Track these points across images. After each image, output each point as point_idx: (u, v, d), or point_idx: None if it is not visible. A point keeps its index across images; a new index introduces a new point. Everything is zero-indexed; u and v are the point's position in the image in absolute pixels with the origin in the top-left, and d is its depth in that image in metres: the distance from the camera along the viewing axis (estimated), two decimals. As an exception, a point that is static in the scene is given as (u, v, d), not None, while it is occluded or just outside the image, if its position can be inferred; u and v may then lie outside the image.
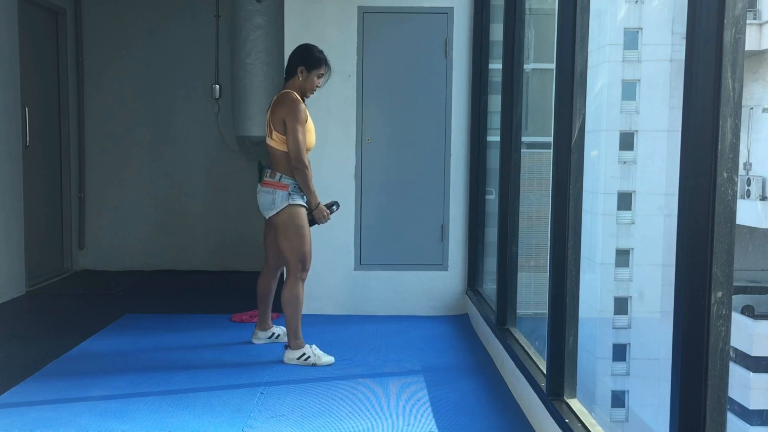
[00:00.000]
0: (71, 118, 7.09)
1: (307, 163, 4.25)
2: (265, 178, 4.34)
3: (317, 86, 4.39)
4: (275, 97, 4.37)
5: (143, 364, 4.31)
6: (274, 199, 4.27)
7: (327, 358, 4.31)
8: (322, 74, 4.37)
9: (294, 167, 4.24)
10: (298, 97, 4.30)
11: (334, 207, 4.48)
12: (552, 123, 3.32)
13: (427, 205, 5.63)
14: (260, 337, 4.71)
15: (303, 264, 4.31)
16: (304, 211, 4.31)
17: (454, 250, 5.65)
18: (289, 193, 4.26)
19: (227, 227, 7.25)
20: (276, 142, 4.28)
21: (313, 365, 4.23)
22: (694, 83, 1.98)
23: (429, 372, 4.24)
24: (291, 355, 4.31)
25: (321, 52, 4.37)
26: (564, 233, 3.17)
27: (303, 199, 4.31)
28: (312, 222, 4.37)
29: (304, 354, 4.28)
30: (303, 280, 4.36)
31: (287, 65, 4.40)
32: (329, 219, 4.42)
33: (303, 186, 4.27)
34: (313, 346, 4.33)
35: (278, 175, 4.27)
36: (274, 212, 4.27)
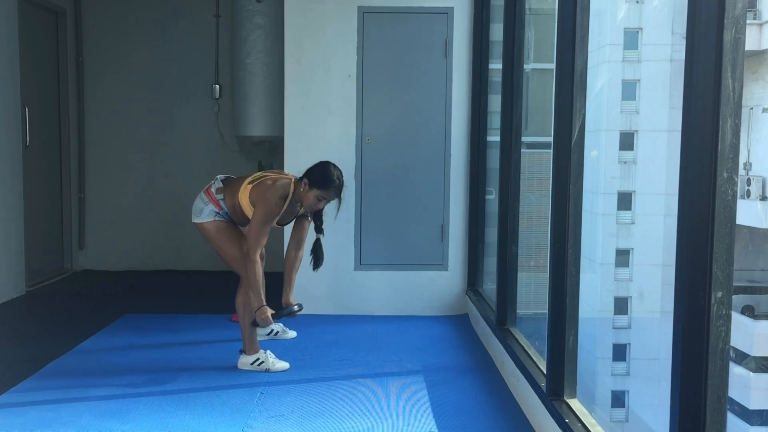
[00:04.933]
0: (71, 118, 7.09)
1: (256, 260, 4.03)
2: (210, 189, 4.25)
3: (315, 208, 4.15)
4: (276, 177, 4.21)
5: (143, 364, 4.31)
6: (203, 209, 4.21)
7: (281, 364, 4.24)
8: (327, 200, 4.15)
9: (245, 257, 4.08)
10: (284, 197, 4.10)
11: (295, 307, 4.25)
12: (552, 123, 3.32)
13: (427, 205, 5.63)
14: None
15: (245, 266, 4.16)
16: (225, 225, 4.21)
17: (454, 250, 5.65)
18: (218, 213, 4.20)
19: (227, 227, 7.25)
20: (244, 195, 4.13)
21: (267, 371, 4.18)
22: (694, 83, 1.98)
23: (429, 372, 4.24)
24: (245, 360, 4.23)
25: (339, 179, 4.12)
26: (564, 233, 3.17)
27: (229, 218, 4.23)
28: (254, 323, 4.14)
29: (258, 359, 4.22)
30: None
31: (307, 168, 4.17)
32: (272, 323, 4.18)
33: (249, 283, 4.08)
34: (268, 352, 4.27)
35: (222, 196, 4.21)
36: (198, 221, 4.22)
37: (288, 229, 5.56)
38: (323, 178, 4.09)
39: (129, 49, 7.21)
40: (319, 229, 4.32)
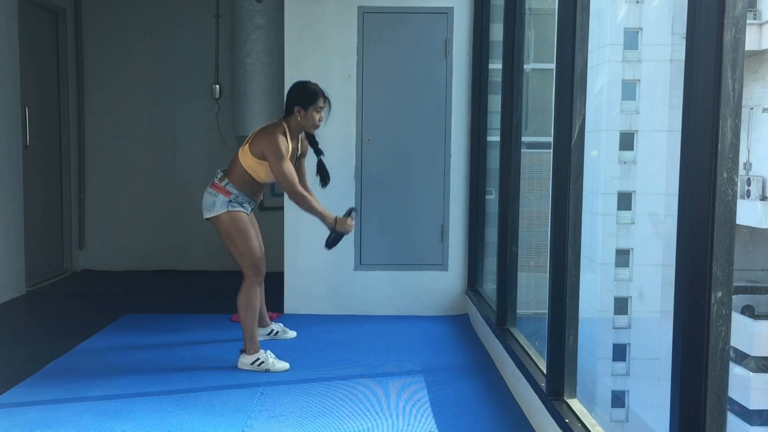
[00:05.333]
0: (71, 118, 7.09)
1: (302, 193, 4.16)
2: (214, 180, 4.29)
3: (319, 122, 4.26)
4: (265, 125, 4.30)
5: (143, 364, 4.31)
6: (215, 202, 4.23)
7: (281, 364, 4.24)
8: (322, 107, 4.23)
9: (293, 201, 4.20)
10: (284, 134, 4.19)
11: (353, 213, 4.32)
12: (552, 123, 3.32)
13: (427, 205, 5.63)
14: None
15: (255, 267, 4.24)
16: (244, 216, 4.26)
17: (454, 250, 5.65)
18: (230, 201, 4.23)
19: (227, 227, 7.25)
20: (245, 156, 4.22)
21: (267, 371, 4.19)
22: (694, 83, 1.98)
23: (429, 372, 4.24)
24: (245, 360, 4.23)
25: (317, 85, 4.26)
26: (564, 233, 3.17)
27: (243, 207, 4.26)
28: (338, 237, 4.25)
29: (258, 359, 4.22)
30: (259, 284, 4.30)
31: (285, 102, 4.31)
32: (353, 226, 4.30)
33: (311, 213, 4.22)
34: (268, 352, 4.27)
35: (226, 181, 4.25)
36: (212, 214, 4.24)
37: (288, 230, 5.58)
38: (308, 93, 4.20)
39: (129, 49, 7.21)
40: (318, 151, 4.41)
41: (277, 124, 4.26)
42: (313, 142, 4.42)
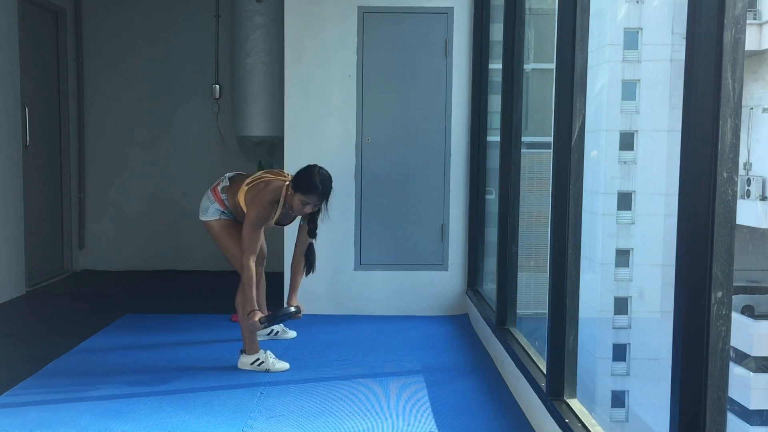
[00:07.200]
0: (71, 118, 7.09)
1: (250, 266, 4.02)
2: (217, 188, 4.31)
3: (302, 212, 4.12)
4: (271, 180, 4.19)
5: (143, 364, 4.31)
6: (209, 207, 4.29)
7: (281, 364, 4.23)
8: (308, 203, 4.08)
9: (238, 267, 4.14)
10: (277, 200, 4.11)
11: (292, 309, 4.18)
12: (552, 123, 3.32)
13: (427, 205, 5.63)
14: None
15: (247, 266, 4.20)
16: (231, 224, 4.27)
17: (454, 250, 5.65)
18: (222, 212, 4.28)
19: (227, 227, 7.25)
20: (241, 193, 4.18)
21: (267, 371, 4.19)
22: (694, 83, 1.98)
23: (429, 372, 4.24)
24: (245, 360, 4.23)
25: (324, 183, 4.05)
26: (564, 233, 3.17)
27: (233, 216, 4.28)
28: (272, 318, 4.14)
29: (258, 359, 4.21)
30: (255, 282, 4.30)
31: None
32: (260, 328, 4.11)
33: (244, 286, 4.09)
34: (268, 352, 4.26)
35: (226, 196, 4.27)
36: (204, 219, 4.31)
37: (288, 230, 5.58)
38: (306, 183, 4.05)
39: (129, 49, 7.21)
40: (311, 233, 4.30)
41: (279, 187, 4.14)
42: (311, 222, 4.27)
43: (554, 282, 3.26)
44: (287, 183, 4.17)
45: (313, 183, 4.04)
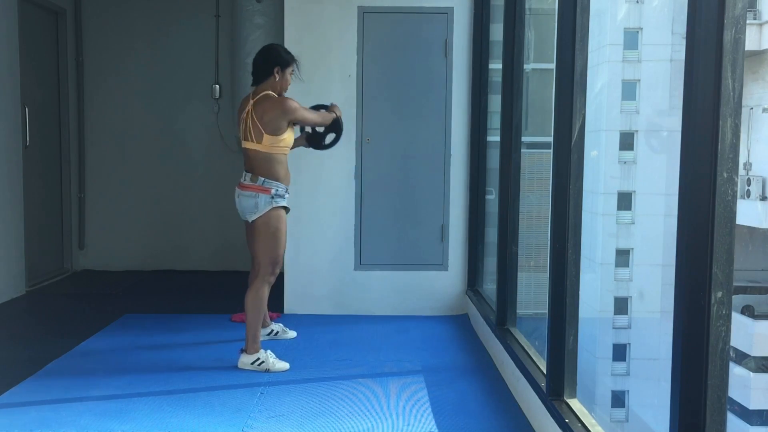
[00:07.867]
0: (71, 118, 7.09)
1: (322, 112, 4.52)
2: (243, 182, 4.23)
3: (289, 82, 4.40)
4: (252, 100, 4.24)
5: (143, 364, 4.31)
6: (257, 202, 4.20)
7: (281, 364, 4.23)
8: (293, 70, 4.39)
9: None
10: (279, 92, 4.32)
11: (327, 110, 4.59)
12: (552, 123, 3.32)
13: (427, 205, 5.63)
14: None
15: (273, 267, 4.26)
16: (284, 214, 4.27)
17: (454, 250, 5.65)
18: (272, 197, 4.21)
19: (227, 227, 7.24)
20: (263, 145, 4.17)
21: (267, 371, 4.18)
22: (694, 83, 1.98)
23: (429, 372, 4.24)
24: (245, 360, 4.22)
25: (280, 45, 4.55)
26: (564, 233, 3.17)
27: (284, 199, 4.27)
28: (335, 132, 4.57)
29: (258, 359, 4.21)
30: (270, 284, 4.30)
31: (259, 68, 4.30)
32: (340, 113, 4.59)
33: (325, 119, 4.50)
34: (268, 352, 4.26)
35: (260, 179, 4.19)
36: (258, 215, 4.21)
37: (288, 230, 5.57)
38: (285, 55, 4.34)
39: (129, 50, 7.21)
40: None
41: (270, 93, 4.27)
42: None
43: (554, 282, 3.26)
44: (257, 88, 4.29)
45: (287, 51, 4.42)
